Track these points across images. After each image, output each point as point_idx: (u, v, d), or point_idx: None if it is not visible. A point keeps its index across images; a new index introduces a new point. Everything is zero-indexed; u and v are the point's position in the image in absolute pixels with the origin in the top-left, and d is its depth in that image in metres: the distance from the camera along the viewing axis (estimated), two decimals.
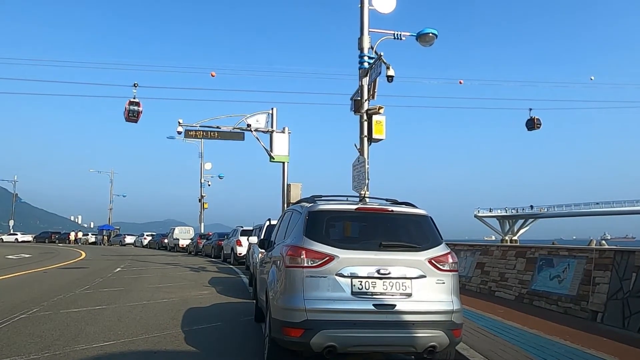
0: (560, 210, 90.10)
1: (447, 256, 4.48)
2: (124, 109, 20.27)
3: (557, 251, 8.86)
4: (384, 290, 4.19)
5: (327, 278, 4.18)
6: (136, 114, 20.27)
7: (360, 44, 11.25)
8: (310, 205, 4.79)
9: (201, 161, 41.66)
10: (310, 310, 4.09)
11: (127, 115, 20.24)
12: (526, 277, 9.22)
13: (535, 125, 25.54)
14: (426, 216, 4.84)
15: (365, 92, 10.99)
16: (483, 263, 10.91)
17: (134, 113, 20.18)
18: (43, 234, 70.13)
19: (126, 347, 5.58)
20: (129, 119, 20.39)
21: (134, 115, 20.26)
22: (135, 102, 20.31)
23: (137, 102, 20.33)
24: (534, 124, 25.59)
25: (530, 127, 25.78)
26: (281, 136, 17.93)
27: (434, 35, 11.10)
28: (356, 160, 11.13)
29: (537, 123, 25.51)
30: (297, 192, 16.30)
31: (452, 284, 4.42)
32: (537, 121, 25.51)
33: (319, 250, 4.27)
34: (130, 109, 20.25)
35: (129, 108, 20.27)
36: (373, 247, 4.34)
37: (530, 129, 25.89)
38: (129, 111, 20.21)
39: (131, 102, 20.36)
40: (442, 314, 4.26)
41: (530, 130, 25.91)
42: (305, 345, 4.08)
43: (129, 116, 20.26)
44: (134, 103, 20.32)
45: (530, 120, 25.74)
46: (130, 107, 20.32)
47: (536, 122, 25.51)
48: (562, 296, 8.07)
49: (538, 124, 25.52)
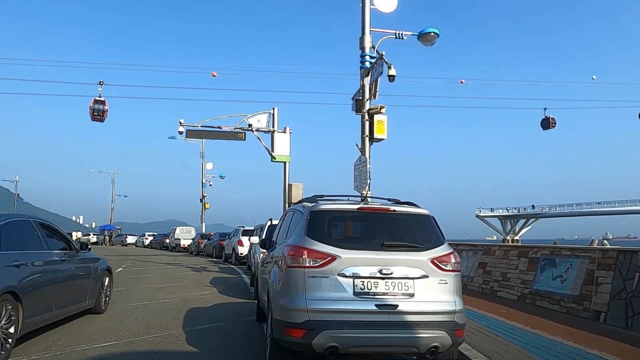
0: (562, 210, 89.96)
1: (450, 256, 4.46)
2: (89, 107, 19.31)
3: (560, 251, 8.83)
4: (386, 290, 4.17)
5: (329, 278, 4.16)
6: (102, 113, 19.39)
7: (361, 43, 11.22)
8: (312, 205, 4.77)
9: (202, 161, 41.62)
10: (312, 310, 4.07)
11: (92, 115, 19.30)
12: (528, 277, 9.19)
13: (551, 124, 25.66)
14: (429, 216, 4.82)
15: (366, 92, 10.97)
16: (485, 263, 10.88)
17: (99, 112, 19.31)
18: None
19: (127, 348, 5.57)
20: (95, 118, 19.47)
21: (99, 114, 19.37)
22: (100, 100, 19.41)
23: (102, 101, 19.44)
24: (549, 123, 25.70)
25: (545, 126, 25.90)
26: (282, 136, 17.89)
27: (435, 34, 11.07)
28: (357, 160, 11.11)
29: (552, 122, 25.63)
30: (298, 192, 16.27)
31: (454, 284, 4.39)
32: (552, 120, 25.63)
33: (320, 250, 4.25)
34: (95, 107, 19.32)
35: (94, 107, 19.30)
36: (375, 247, 4.32)
37: (545, 128, 26.03)
38: (94, 110, 19.27)
39: (96, 100, 19.43)
40: (445, 314, 4.24)
41: (545, 130, 26.06)
42: (307, 346, 4.06)
43: (93, 115, 19.33)
44: (99, 102, 19.42)
45: (546, 119, 25.85)
46: (95, 105, 19.35)
47: (551, 122, 25.64)
48: (564, 296, 8.04)
49: (553, 123, 25.63)
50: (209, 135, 18.39)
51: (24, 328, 5.23)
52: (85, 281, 7.23)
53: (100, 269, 7.94)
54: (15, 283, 5.12)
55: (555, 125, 25.80)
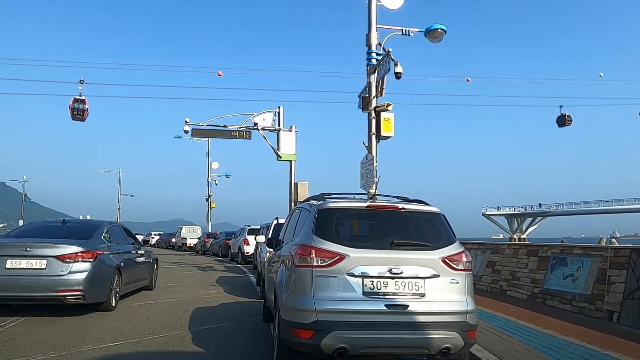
0: (569, 209, 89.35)
1: (461, 255, 4.35)
2: (68, 107, 18.98)
3: (571, 249, 8.69)
4: (396, 290, 4.07)
5: (338, 278, 4.07)
6: (82, 112, 19.04)
7: (368, 40, 11.11)
8: (320, 203, 4.67)
9: (208, 160, 41.65)
10: (321, 311, 3.98)
11: (72, 114, 18.96)
12: (538, 276, 9.05)
13: (567, 121, 25.60)
14: (439, 214, 4.71)
15: (373, 89, 10.85)
16: (494, 262, 10.75)
17: (79, 111, 18.99)
18: None
19: (133, 348, 5.50)
20: (75, 118, 19.10)
21: (79, 113, 19.02)
22: (80, 99, 19.07)
23: (82, 100, 19.09)
24: (564, 120, 25.63)
25: (561, 123, 25.84)
26: (288, 135, 17.82)
27: (442, 31, 10.94)
28: (364, 158, 11.00)
29: (568, 120, 25.55)
30: (304, 191, 16.20)
31: (466, 284, 4.29)
32: (567, 117, 25.57)
33: (329, 249, 4.16)
34: (75, 106, 18.98)
35: (74, 106, 18.95)
36: (384, 245, 4.22)
37: (561, 126, 25.97)
38: (74, 109, 18.94)
39: (76, 99, 19.08)
40: (457, 314, 4.14)
41: (561, 127, 25.99)
42: (316, 347, 3.97)
43: (73, 114, 18.99)
44: (79, 100, 19.06)
45: (561, 117, 25.78)
46: (74, 104, 19.00)
47: (567, 119, 25.56)
48: (576, 295, 7.90)
49: (569, 120, 25.57)
50: (214, 134, 18.36)
51: (119, 292, 8.41)
52: (146, 266, 10.43)
53: (152, 259, 11.10)
54: (119, 263, 8.39)
55: (571, 122, 25.69)
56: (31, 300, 7.27)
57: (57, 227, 8.60)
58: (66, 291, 7.13)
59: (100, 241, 8.11)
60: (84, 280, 7.25)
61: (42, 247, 7.29)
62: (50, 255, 7.20)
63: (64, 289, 7.12)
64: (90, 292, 7.35)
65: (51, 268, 7.14)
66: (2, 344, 5.55)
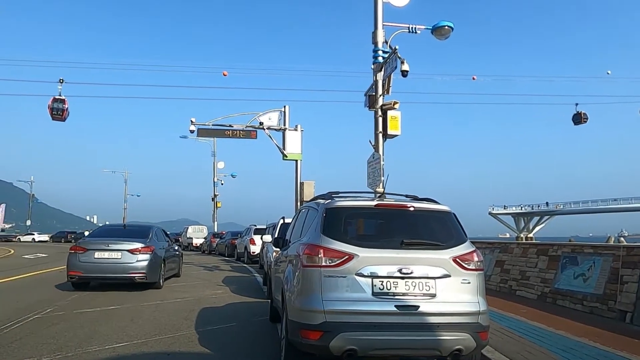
0: (576, 207, 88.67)
1: (473, 254, 4.26)
2: (48, 107, 18.67)
3: (582, 249, 8.55)
4: (406, 290, 3.98)
5: (347, 278, 3.98)
6: (61, 112, 18.78)
7: (374, 38, 11.01)
8: (328, 202, 4.59)
9: (214, 160, 41.66)
10: (329, 311, 3.90)
11: (52, 114, 18.69)
12: (549, 276, 8.92)
13: (582, 119, 25.43)
14: (449, 212, 4.62)
15: (379, 87, 10.75)
16: (502, 261, 10.62)
17: (59, 111, 18.72)
18: (59, 233, 70.98)
19: (139, 349, 5.45)
20: (55, 118, 18.84)
21: (58, 113, 18.74)
22: (60, 99, 18.78)
23: (62, 99, 18.80)
24: (580, 118, 25.49)
25: (577, 121, 25.72)
26: (294, 134, 17.74)
27: (449, 28, 10.82)
28: (371, 157, 10.91)
29: (583, 117, 25.40)
30: (310, 190, 16.12)
31: (478, 284, 4.19)
32: (583, 115, 25.42)
33: (337, 248, 4.08)
34: (54, 106, 18.68)
35: (53, 106, 18.66)
36: (394, 245, 4.14)
37: (577, 124, 25.84)
38: (53, 109, 18.65)
39: (55, 99, 18.78)
40: (468, 315, 4.04)
41: (577, 125, 25.84)
42: (324, 349, 3.89)
43: (52, 114, 18.71)
44: (58, 100, 18.76)
45: (577, 114, 25.64)
46: (54, 104, 18.70)
47: (583, 117, 25.40)
48: (587, 295, 7.77)
49: (585, 118, 25.40)
50: (220, 134, 18.28)
51: (164, 275, 11.52)
52: (177, 259, 13.67)
53: (180, 253, 14.53)
54: (164, 255, 11.64)
55: (587, 120, 25.50)
56: (112, 280, 10.50)
57: (122, 230, 12.53)
58: (135, 274, 10.34)
59: (153, 240, 11.30)
60: (146, 266, 10.46)
61: (118, 243, 10.51)
62: (124, 249, 10.39)
63: (133, 272, 10.34)
64: (149, 274, 10.54)
65: (124, 258, 10.36)
66: (9, 344, 5.53)
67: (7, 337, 5.86)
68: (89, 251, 10.39)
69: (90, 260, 10.27)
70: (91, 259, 10.28)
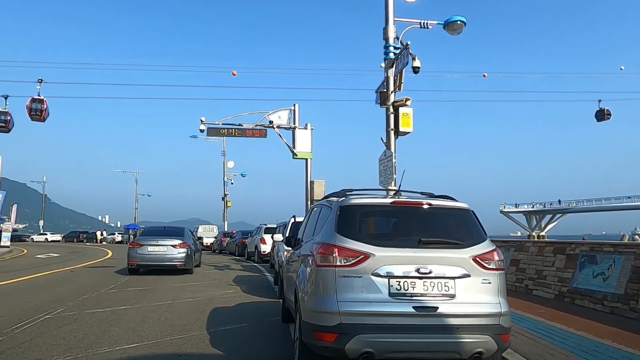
0: (589, 205, 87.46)
1: (493, 253, 4.10)
2: (26, 107, 18.45)
3: (601, 247, 8.32)
4: (424, 291, 3.84)
5: (362, 278, 3.85)
6: (40, 112, 18.55)
7: (385, 33, 10.85)
8: (342, 200, 4.46)
9: (224, 159, 41.77)
10: (345, 313, 3.77)
11: (30, 114, 18.47)
12: (566, 275, 8.70)
13: (605, 116, 25.21)
14: (468, 210, 4.46)
15: (391, 84, 10.59)
16: (518, 260, 10.40)
17: (37, 111, 18.50)
18: (71, 233, 71.70)
19: (150, 350, 5.36)
20: (33, 118, 18.62)
21: (37, 113, 18.51)
22: (38, 99, 18.52)
23: (40, 100, 18.54)
24: (603, 114, 25.28)
25: (600, 118, 25.52)
26: (304, 132, 17.62)
27: (462, 22, 10.63)
28: (383, 155, 10.75)
29: (606, 114, 25.17)
30: (320, 189, 16.00)
31: (499, 284, 4.04)
32: (606, 112, 25.18)
33: (352, 247, 3.94)
34: (32, 107, 18.46)
35: (31, 106, 18.44)
36: (411, 244, 3.99)
37: (599, 120, 25.63)
38: (31, 109, 18.43)
39: (33, 99, 18.51)
40: (489, 317, 3.88)
41: (600, 121, 25.65)
42: (340, 351, 3.76)
43: (31, 114, 18.49)
44: (36, 100, 18.51)
45: (600, 111, 25.43)
46: (32, 105, 18.46)
47: (606, 113, 25.17)
48: (607, 295, 7.55)
49: (608, 114, 25.16)
50: (230, 133, 18.22)
51: (194, 265, 15.51)
52: (199, 253, 17.74)
53: (201, 248, 18.94)
54: (194, 249, 15.83)
55: (610, 116, 25.20)
56: (160, 267, 14.29)
57: (164, 230, 16.25)
58: (177, 262, 14.37)
59: (187, 237, 15.40)
60: (184, 257, 14.49)
61: (164, 240, 14.63)
62: (168, 244, 14.48)
63: (176, 261, 14.40)
64: (186, 263, 14.57)
65: (169, 251, 14.41)
66: (19, 345, 5.47)
67: (17, 338, 5.81)
68: (143, 246, 14.36)
69: (145, 253, 14.28)
70: (145, 252, 14.28)
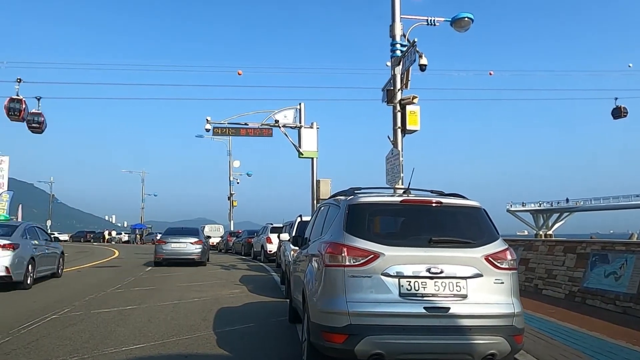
0: (597, 204, 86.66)
1: (506, 252, 4.00)
2: (4, 107, 18.05)
3: (612, 246, 8.19)
4: (435, 291, 3.75)
5: (372, 278, 3.77)
6: (18, 113, 18.10)
7: (391, 31, 10.75)
8: (350, 198, 4.38)
9: (229, 159, 41.75)
10: (354, 313, 3.69)
11: (8, 114, 18.03)
12: (577, 274, 8.57)
13: (622, 113, 24.91)
14: (480, 208, 4.37)
15: (398, 82, 10.49)
16: (527, 259, 10.28)
17: (15, 111, 18.06)
18: (79, 233, 72.07)
19: (156, 351, 5.31)
20: (12, 119, 18.20)
21: (15, 113, 18.06)
22: (17, 99, 18.10)
23: (19, 99, 18.12)
24: (620, 112, 24.99)
25: (616, 115, 25.20)
26: (309, 131, 17.53)
27: (469, 19, 10.51)
28: (390, 153, 10.65)
29: (623, 111, 24.86)
30: (326, 188, 15.92)
31: (511, 284, 3.94)
32: (623, 109, 24.88)
33: (361, 247, 3.86)
34: (11, 106, 18.01)
35: (9, 106, 18.01)
36: (422, 243, 3.91)
37: (616, 118, 25.30)
38: (9, 109, 17.98)
39: (12, 99, 18.11)
40: (502, 317, 3.79)
41: (617, 119, 25.36)
42: (349, 353, 3.68)
43: (9, 114, 18.06)
44: (15, 100, 18.09)
45: (617, 108, 25.14)
46: (10, 104, 18.03)
47: (623, 111, 24.86)
48: (620, 295, 7.42)
49: (625, 112, 24.85)
50: (235, 132, 18.16)
51: (207, 258, 19.44)
52: (207, 249, 19.79)
53: (209, 246, 22.26)
54: (207, 245, 20.10)
55: (627, 114, 24.93)
56: (181, 260, 17.46)
57: (182, 229, 19.57)
58: (195, 256, 17.69)
59: (201, 236, 18.85)
60: (200, 252, 17.88)
61: (184, 238, 18.03)
62: (188, 242, 17.86)
63: (194, 255, 17.74)
64: (202, 257, 17.99)
65: (188, 247, 17.74)
66: (25, 345, 5.44)
67: (23, 338, 5.78)
68: (167, 243, 17.83)
69: (169, 248, 17.71)
70: (169, 248, 17.71)
